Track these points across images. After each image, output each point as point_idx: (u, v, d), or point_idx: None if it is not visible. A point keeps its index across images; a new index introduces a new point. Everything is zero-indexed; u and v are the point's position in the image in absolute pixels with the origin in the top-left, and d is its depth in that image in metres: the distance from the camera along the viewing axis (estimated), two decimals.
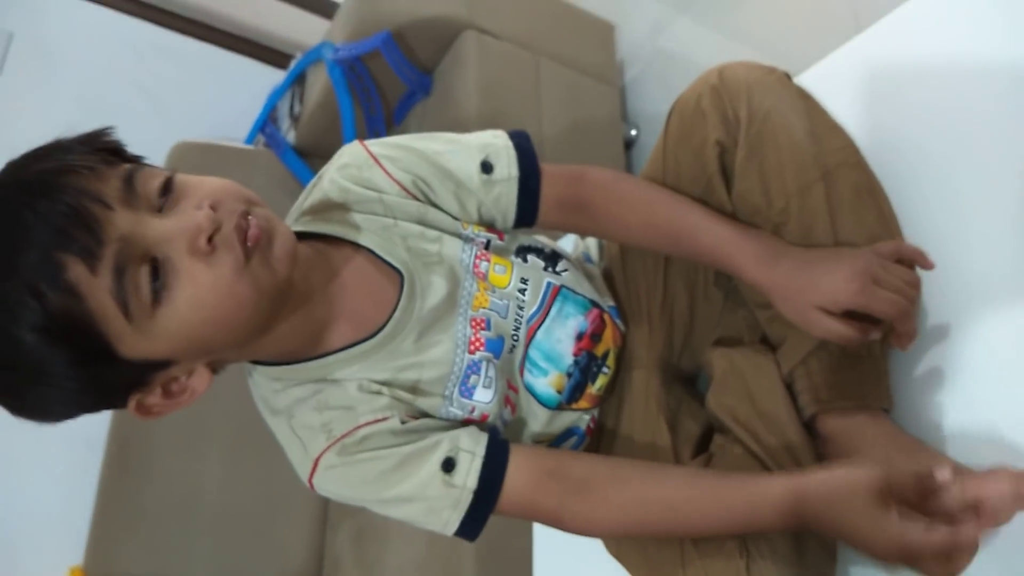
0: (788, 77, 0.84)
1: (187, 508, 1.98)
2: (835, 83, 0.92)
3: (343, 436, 0.73)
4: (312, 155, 2.43)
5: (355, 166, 0.80)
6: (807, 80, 0.95)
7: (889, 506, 0.61)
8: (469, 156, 0.81)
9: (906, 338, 0.75)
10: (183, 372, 0.69)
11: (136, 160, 0.69)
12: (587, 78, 2.19)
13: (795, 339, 0.80)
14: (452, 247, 0.81)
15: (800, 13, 0.95)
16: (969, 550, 0.61)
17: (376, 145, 0.81)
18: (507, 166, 0.81)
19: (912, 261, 0.74)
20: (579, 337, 0.86)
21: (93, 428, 2.03)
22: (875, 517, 0.62)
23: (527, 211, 0.82)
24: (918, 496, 0.63)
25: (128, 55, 2.61)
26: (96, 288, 0.59)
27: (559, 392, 0.84)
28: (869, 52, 0.94)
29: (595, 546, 1.05)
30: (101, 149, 0.66)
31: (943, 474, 0.62)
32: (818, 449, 0.79)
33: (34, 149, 0.65)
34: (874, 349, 0.77)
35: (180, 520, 1.97)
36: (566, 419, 0.87)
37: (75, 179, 0.61)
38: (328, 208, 0.80)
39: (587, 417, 0.89)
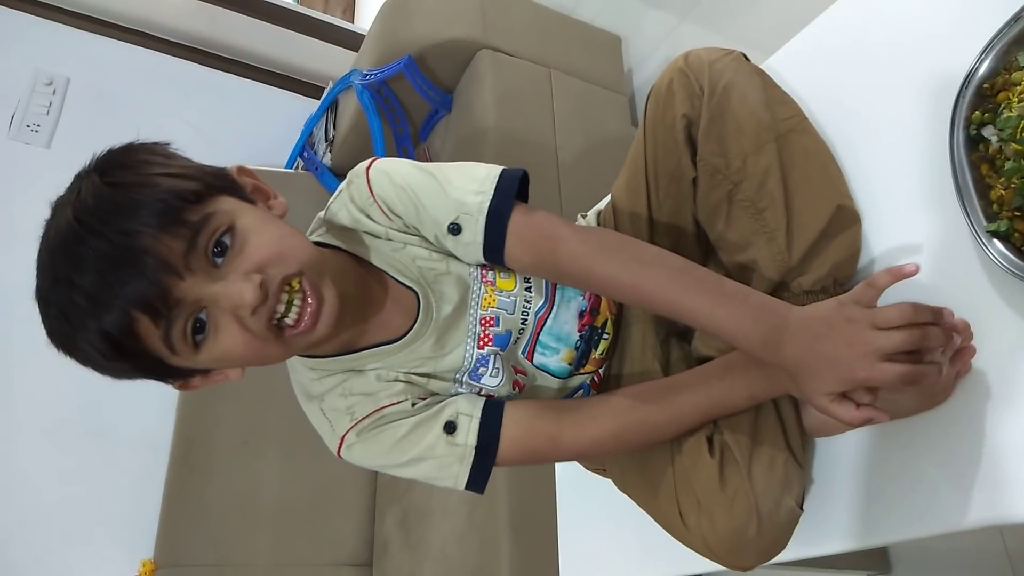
0: (745, 57, 0.94)
1: (247, 502, 2.12)
2: (796, 64, 1.04)
3: (363, 418, 0.85)
4: None
5: (361, 201, 0.86)
6: (774, 62, 1.07)
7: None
8: (445, 211, 0.83)
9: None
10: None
11: (207, 195, 0.76)
12: (597, 88, 2.29)
13: (757, 286, 0.89)
14: (458, 264, 0.89)
15: (798, 17, 1.02)
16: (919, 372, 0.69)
17: (377, 184, 0.85)
18: (473, 232, 0.82)
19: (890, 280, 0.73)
20: (581, 315, 0.95)
21: (158, 432, 2.20)
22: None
23: (495, 263, 0.86)
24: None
25: (175, 93, 2.78)
26: (152, 334, 0.72)
27: (570, 364, 0.95)
28: (823, 38, 1.05)
29: (613, 514, 1.18)
30: (185, 200, 0.73)
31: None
32: None
33: (121, 185, 0.73)
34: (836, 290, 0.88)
35: (241, 514, 2.11)
36: (575, 382, 0.98)
37: (152, 244, 0.70)
38: (349, 230, 0.88)
39: (591, 375, 1.00)
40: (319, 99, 2.80)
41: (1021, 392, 0.74)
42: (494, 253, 0.83)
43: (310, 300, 0.76)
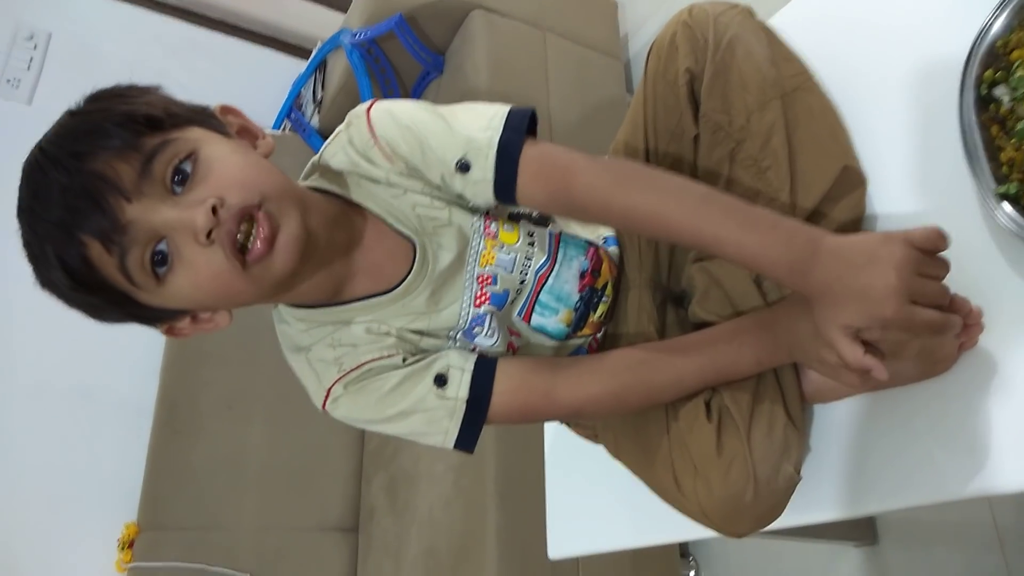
0: (751, 12, 0.92)
1: (232, 466, 2.11)
2: (800, 23, 1.02)
3: (352, 370, 0.82)
4: None
5: (361, 144, 0.82)
6: (778, 21, 1.04)
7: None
8: (453, 148, 0.80)
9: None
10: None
11: (171, 123, 0.74)
12: (592, 52, 2.26)
13: None
14: (460, 213, 0.86)
15: None
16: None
17: (380, 124, 0.81)
18: (483, 168, 0.79)
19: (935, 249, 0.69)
20: (582, 275, 0.93)
21: (142, 395, 2.18)
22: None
23: (507, 201, 0.82)
24: None
25: (160, 51, 2.72)
26: (108, 263, 0.70)
27: (568, 326, 0.93)
28: None
29: (602, 480, 1.16)
30: (138, 123, 0.72)
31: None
32: None
33: (81, 113, 0.74)
34: None
35: (226, 477, 2.10)
36: (571, 345, 0.96)
37: (102, 168, 0.69)
38: (344, 174, 0.85)
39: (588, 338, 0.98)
40: (307, 60, 2.76)
41: (1022, 362, 0.73)
42: (506, 190, 0.79)
43: (263, 228, 0.72)
